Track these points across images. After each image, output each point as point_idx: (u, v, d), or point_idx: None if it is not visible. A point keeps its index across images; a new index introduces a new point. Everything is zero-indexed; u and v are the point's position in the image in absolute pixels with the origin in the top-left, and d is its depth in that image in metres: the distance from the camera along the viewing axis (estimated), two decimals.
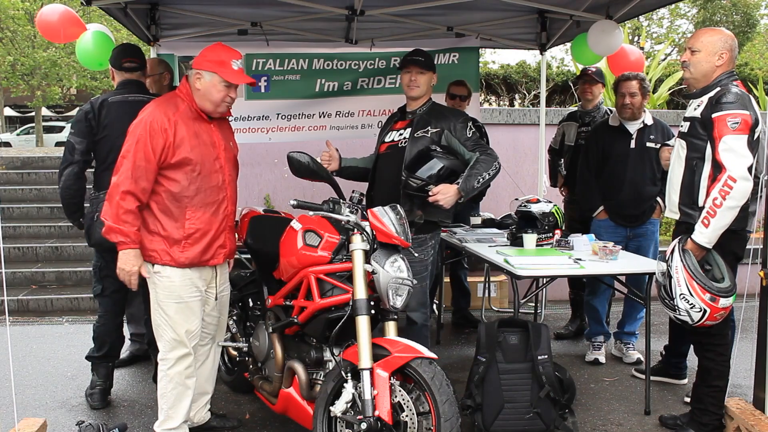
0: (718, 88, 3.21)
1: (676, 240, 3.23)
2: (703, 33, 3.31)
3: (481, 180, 3.50)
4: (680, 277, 3.10)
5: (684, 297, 3.09)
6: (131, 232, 2.93)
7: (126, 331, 4.47)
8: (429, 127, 3.63)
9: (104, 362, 3.96)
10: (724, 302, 3.08)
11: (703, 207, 3.15)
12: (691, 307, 3.09)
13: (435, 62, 5.56)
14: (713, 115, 3.13)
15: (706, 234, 3.10)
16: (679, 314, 3.16)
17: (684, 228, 3.29)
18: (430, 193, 3.44)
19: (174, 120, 2.98)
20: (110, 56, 3.92)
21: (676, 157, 3.40)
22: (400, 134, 3.73)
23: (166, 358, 3.12)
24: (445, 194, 3.43)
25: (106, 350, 3.93)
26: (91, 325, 4.04)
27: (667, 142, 4.08)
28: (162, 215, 3.02)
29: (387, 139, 3.79)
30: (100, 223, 3.53)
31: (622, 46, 5.04)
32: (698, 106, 3.26)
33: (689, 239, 3.17)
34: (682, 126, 3.39)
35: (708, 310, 3.07)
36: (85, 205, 3.83)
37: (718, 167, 3.10)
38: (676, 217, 3.40)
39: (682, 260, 3.12)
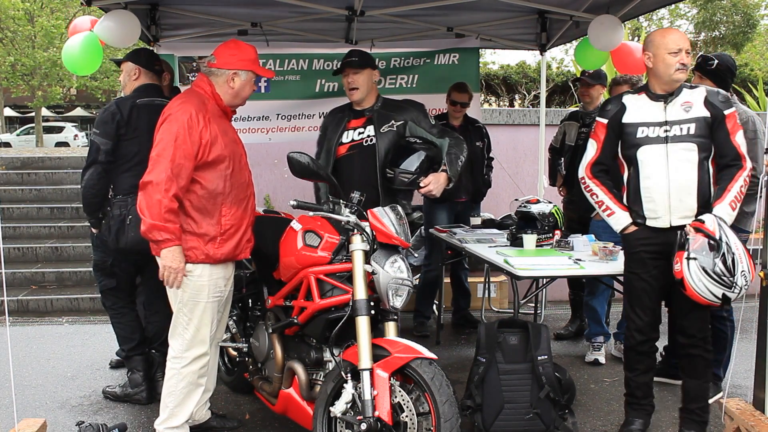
0: (696, 87, 3.27)
1: (715, 218, 3.11)
2: (682, 33, 3.30)
3: (460, 163, 3.61)
4: (741, 253, 3.03)
5: (744, 274, 3.04)
6: (175, 228, 2.91)
7: None
8: (393, 121, 3.68)
9: (140, 353, 3.95)
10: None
11: (713, 201, 3.18)
12: (745, 285, 3.05)
13: (435, 62, 5.68)
14: (726, 112, 3.18)
15: (732, 216, 3.16)
16: (733, 291, 3.06)
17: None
18: (421, 185, 3.51)
19: (207, 118, 3.00)
20: (138, 57, 3.89)
21: (681, 161, 3.22)
22: (360, 133, 3.71)
23: (182, 356, 3.12)
24: (436, 183, 3.52)
25: (137, 340, 3.95)
26: (91, 325, 4.04)
27: None
28: (197, 213, 3.02)
29: (345, 140, 3.74)
30: (133, 226, 3.50)
31: (627, 44, 5.00)
32: (689, 107, 3.21)
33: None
34: (681, 129, 3.23)
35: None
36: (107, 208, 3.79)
37: (738, 159, 3.17)
38: (690, 222, 3.23)
39: (736, 237, 3.07)
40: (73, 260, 7.24)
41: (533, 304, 5.48)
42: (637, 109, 3.29)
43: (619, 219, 3.33)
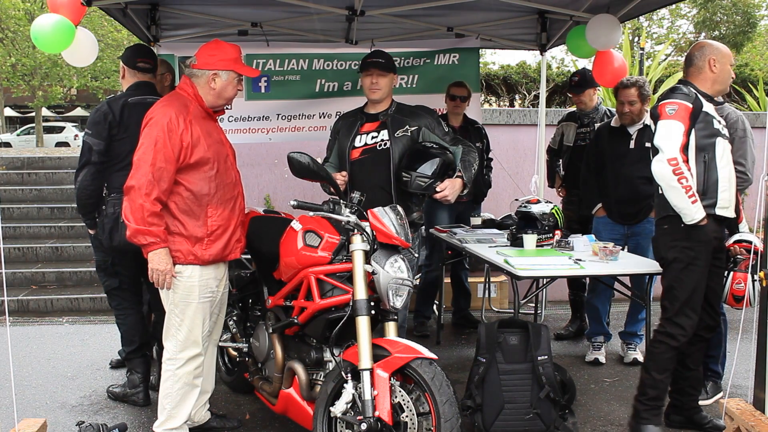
0: None
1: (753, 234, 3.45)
2: None
3: (473, 170, 3.64)
4: None
5: None
6: (160, 231, 2.93)
7: None
8: (407, 126, 3.66)
9: (140, 356, 3.95)
10: None
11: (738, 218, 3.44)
12: None
13: (435, 62, 5.68)
14: None
15: None
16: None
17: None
18: (437, 189, 3.49)
19: (188, 120, 3.01)
20: (123, 55, 3.90)
21: (729, 157, 3.32)
22: (374, 137, 3.69)
23: (176, 357, 3.13)
24: (452, 189, 3.52)
25: (138, 342, 3.94)
26: (91, 325, 4.04)
27: None
28: (183, 215, 3.03)
29: (358, 144, 3.72)
30: (125, 225, 3.52)
31: (611, 52, 4.98)
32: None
33: None
34: (725, 131, 3.35)
35: None
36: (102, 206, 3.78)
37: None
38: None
39: None
40: (73, 260, 7.24)
41: (533, 304, 5.48)
42: (705, 102, 3.27)
43: (701, 207, 3.16)
